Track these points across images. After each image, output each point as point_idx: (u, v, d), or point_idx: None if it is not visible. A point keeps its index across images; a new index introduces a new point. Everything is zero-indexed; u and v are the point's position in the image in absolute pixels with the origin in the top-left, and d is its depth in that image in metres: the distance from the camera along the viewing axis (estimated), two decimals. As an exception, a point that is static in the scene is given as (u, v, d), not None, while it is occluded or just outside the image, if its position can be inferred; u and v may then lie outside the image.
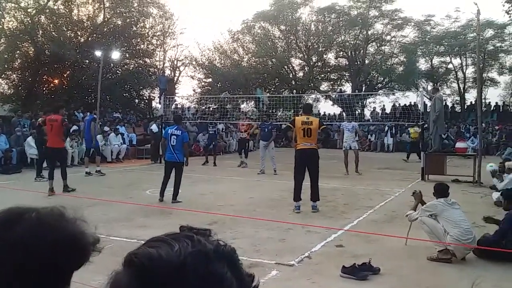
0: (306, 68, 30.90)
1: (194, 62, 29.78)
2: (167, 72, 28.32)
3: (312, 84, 30.67)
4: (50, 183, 9.11)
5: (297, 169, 7.80)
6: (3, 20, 19.96)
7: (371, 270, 4.57)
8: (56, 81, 22.86)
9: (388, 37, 29.40)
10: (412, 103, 22.63)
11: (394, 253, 5.32)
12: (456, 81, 30.19)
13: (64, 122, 9.45)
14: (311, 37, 29.81)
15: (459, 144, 13.17)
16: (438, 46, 28.62)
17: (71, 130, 9.53)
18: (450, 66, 29.97)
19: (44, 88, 23.17)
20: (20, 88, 21.88)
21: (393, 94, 27.50)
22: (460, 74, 29.86)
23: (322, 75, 31.79)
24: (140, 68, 25.43)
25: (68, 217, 0.84)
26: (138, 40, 25.52)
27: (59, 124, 9.18)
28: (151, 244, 0.65)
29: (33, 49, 21.41)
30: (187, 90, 39.20)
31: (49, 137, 9.42)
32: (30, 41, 21.06)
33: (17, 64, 21.48)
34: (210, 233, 0.70)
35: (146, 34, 26.13)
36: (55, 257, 0.78)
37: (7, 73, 21.11)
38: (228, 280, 0.64)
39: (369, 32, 29.21)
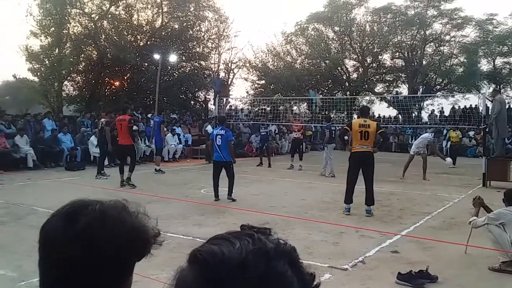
0: (360, 70, 30.36)
1: (247, 65, 30.10)
2: (222, 74, 28.82)
3: (366, 85, 30.06)
4: (121, 177, 10.19)
5: (351, 172, 7.72)
6: (68, 25, 21.11)
7: (429, 278, 4.43)
8: (117, 83, 23.89)
9: (447, 37, 28.26)
10: (473, 106, 21.64)
11: (453, 261, 5.14)
12: (522, 82, 28.49)
13: (130, 122, 10.42)
14: (366, 38, 29.27)
15: (525, 149, 12.46)
16: (501, 46, 27.08)
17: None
18: (515, 67, 28.32)
19: (106, 90, 24.29)
20: (84, 89, 23.04)
21: (453, 96, 26.44)
22: (526, 75, 28.15)
23: (377, 77, 31.07)
24: (196, 71, 26.00)
25: (130, 210, 0.88)
26: (194, 43, 26.11)
27: (127, 123, 10.23)
28: (214, 242, 0.67)
29: (96, 53, 22.56)
30: (240, 92, 39.73)
31: (119, 136, 10.50)
32: (93, 45, 22.15)
33: (81, 67, 22.61)
34: (270, 232, 0.70)
35: (201, 38, 26.66)
36: (117, 248, 0.82)
37: (72, 75, 22.24)
38: (289, 278, 0.64)
39: (427, 32, 28.26)
